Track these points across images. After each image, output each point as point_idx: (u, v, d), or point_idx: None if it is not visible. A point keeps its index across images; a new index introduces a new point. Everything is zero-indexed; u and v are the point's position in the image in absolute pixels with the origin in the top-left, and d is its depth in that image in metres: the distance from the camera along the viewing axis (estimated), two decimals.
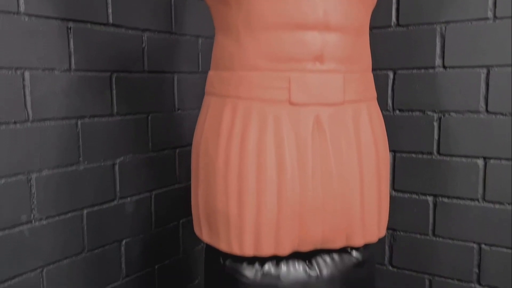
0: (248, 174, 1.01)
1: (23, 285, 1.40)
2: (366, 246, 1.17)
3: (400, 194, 1.77)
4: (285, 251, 1.04)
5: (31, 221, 1.41)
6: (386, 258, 1.85)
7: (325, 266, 1.08)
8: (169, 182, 1.90)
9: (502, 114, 1.56)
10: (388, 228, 1.82)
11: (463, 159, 1.63)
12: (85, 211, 1.57)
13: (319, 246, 1.08)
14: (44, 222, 1.45)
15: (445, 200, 1.68)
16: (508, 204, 1.57)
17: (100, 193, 1.61)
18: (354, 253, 1.13)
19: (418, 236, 1.77)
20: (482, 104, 1.58)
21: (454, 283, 1.71)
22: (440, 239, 1.72)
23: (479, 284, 1.66)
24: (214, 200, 1.05)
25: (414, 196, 1.75)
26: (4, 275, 1.35)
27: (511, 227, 1.57)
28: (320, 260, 1.08)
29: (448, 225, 1.69)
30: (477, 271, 1.66)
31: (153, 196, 1.83)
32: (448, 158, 1.66)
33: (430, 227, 1.74)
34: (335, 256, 1.10)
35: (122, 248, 1.73)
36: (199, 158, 1.12)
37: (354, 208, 1.06)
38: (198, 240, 2.07)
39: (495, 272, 1.61)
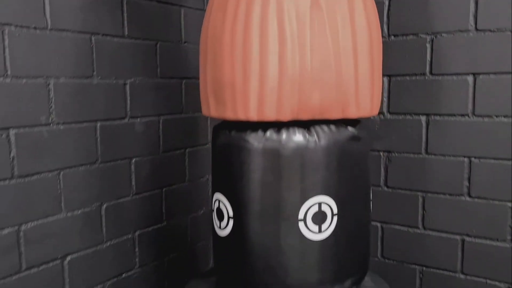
0: (252, 46, 1.13)
1: (41, 183, 1.51)
2: (361, 127, 1.29)
3: (395, 116, 1.89)
4: (286, 116, 1.15)
5: (49, 124, 1.53)
6: (381, 180, 1.95)
7: (323, 134, 1.20)
8: (176, 110, 2.03)
9: (490, 30, 1.67)
10: (383, 150, 1.92)
11: (454, 77, 1.74)
12: (98, 124, 1.69)
13: (317, 116, 1.19)
14: (61, 127, 1.57)
15: (437, 118, 1.79)
16: (497, 116, 1.67)
17: (112, 109, 1.74)
18: (350, 128, 1.24)
19: (412, 155, 1.87)
20: (472, 22, 1.69)
21: (446, 197, 1.82)
22: (433, 156, 1.83)
23: (470, 196, 1.77)
24: (221, 73, 1.17)
25: (408, 117, 1.86)
26: (23, 171, 1.47)
27: (499, 139, 1.67)
28: (318, 129, 1.19)
29: (440, 142, 1.80)
30: (467, 184, 1.77)
31: (161, 121, 1.96)
32: (440, 78, 1.77)
33: (423, 145, 1.85)
34: (332, 127, 1.21)
35: (132, 166, 1.85)
36: (207, 40, 1.23)
37: (349, 82, 1.18)
38: (204, 171, 2.20)
39: (484, 184, 1.71)
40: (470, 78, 1.72)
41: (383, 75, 1.82)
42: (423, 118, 1.83)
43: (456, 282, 1.84)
